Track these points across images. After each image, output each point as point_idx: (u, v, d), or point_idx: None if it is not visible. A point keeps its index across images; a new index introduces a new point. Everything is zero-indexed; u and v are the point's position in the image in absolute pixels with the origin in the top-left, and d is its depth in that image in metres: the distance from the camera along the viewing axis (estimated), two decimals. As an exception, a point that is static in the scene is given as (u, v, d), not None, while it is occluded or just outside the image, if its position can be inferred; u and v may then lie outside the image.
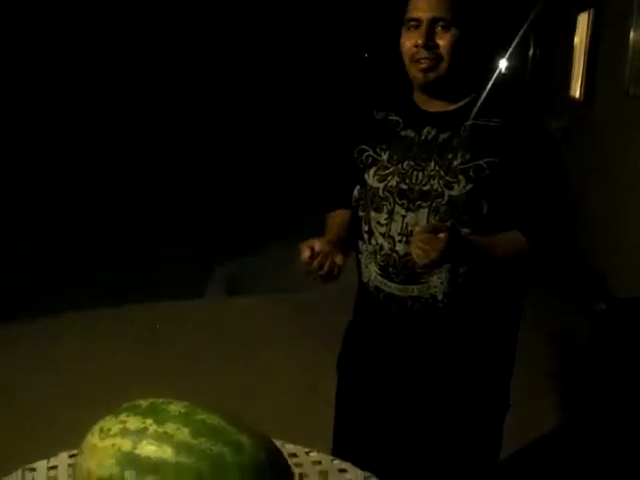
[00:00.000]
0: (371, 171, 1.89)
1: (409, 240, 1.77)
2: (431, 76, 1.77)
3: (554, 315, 4.82)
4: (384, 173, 1.86)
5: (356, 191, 1.92)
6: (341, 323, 2.10)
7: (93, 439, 1.21)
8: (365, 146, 1.92)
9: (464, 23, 1.74)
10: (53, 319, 4.83)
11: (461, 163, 1.77)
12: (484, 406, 1.92)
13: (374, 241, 1.87)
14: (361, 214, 1.91)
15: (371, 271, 1.88)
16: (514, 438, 2.14)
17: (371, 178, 1.88)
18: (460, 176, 1.76)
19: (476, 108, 1.81)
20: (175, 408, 1.19)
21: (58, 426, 3.40)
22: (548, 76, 9.72)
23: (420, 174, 1.80)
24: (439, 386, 1.90)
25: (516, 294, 1.93)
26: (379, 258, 1.85)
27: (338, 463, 1.54)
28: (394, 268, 1.82)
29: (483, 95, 1.82)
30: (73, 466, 1.42)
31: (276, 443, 1.52)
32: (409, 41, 1.77)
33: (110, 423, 1.21)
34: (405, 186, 1.81)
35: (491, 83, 1.85)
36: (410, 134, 1.86)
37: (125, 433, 1.17)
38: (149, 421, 1.17)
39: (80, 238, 7.25)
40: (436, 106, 1.85)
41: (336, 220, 2.00)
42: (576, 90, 7.19)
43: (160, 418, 1.18)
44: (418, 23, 1.75)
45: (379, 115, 1.94)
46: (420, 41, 1.74)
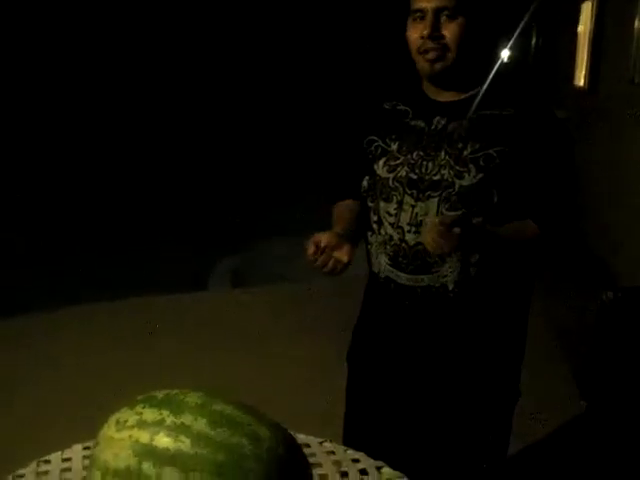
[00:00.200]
0: (380, 161, 1.88)
1: (419, 230, 1.78)
2: (438, 67, 1.77)
3: (560, 304, 4.82)
4: (394, 163, 1.86)
5: (365, 181, 1.92)
6: (343, 315, 2.10)
7: (109, 431, 1.21)
8: (374, 136, 1.92)
9: (469, 11, 1.73)
10: (51, 314, 4.83)
11: (471, 152, 1.76)
12: (494, 395, 1.92)
13: (383, 231, 1.86)
14: (370, 204, 1.90)
15: (381, 261, 1.88)
16: (524, 428, 2.15)
17: (380, 168, 1.88)
18: (470, 165, 1.76)
19: (483, 97, 1.81)
20: (191, 399, 1.19)
21: (58, 421, 3.42)
22: (552, 65, 9.69)
23: (430, 164, 1.80)
24: (450, 376, 1.90)
25: (526, 283, 1.93)
26: (389, 248, 1.85)
27: (351, 453, 1.54)
28: (404, 258, 1.82)
29: (490, 84, 1.82)
30: (87, 458, 1.42)
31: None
32: (415, 33, 1.77)
33: (126, 415, 1.21)
34: (415, 176, 1.81)
35: (497, 72, 1.84)
36: (420, 124, 1.85)
37: (142, 425, 1.17)
38: (166, 412, 1.17)
39: (80, 233, 7.23)
40: (445, 96, 1.84)
41: (344, 211, 1.99)
42: (580, 79, 7.17)
43: (177, 409, 1.17)
44: (423, 14, 1.74)
45: (388, 105, 1.94)
46: (425, 32, 1.73)
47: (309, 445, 1.55)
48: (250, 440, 1.15)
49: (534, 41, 11.22)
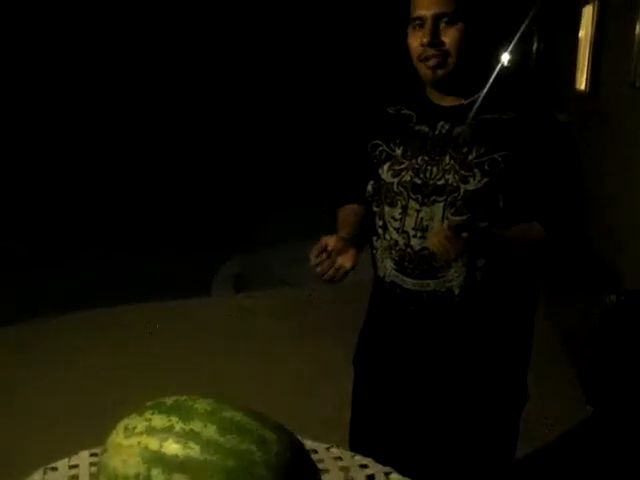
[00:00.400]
0: (385, 166, 1.88)
1: (424, 235, 1.78)
2: (440, 73, 1.77)
3: (565, 307, 4.81)
4: (398, 168, 1.86)
5: (370, 186, 1.92)
6: (345, 319, 2.11)
7: (118, 437, 1.21)
8: (378, 141, 1.92)
9: (468, 16, 1.74)
10: (54, 319, 4.83)
11: (476, 157, 1.76)
12: (502, 400, 1.92)
13: (388, 236, 1.86)
14: (375, 209, 1.90)
15: (386, 266, 1.88)
16: (530, 433, 2.15)
17: (385, 173, 1.88)
18: (475, 170, 1.76)
19: (485, 101, 1.81)
20: (200, 406, 1.19)
21: (62, 426, 3.41)
22: (553, 69, 9.70)
23: (435, 168, 1.80)
24: (456, 380, 1.89)
25: (532, 287, 1.93)
26: (394, 253, 1.85)
27: (359, 459, 1.54)
28: (409, 263, 1.82)
29: (493, 88, 1.82)
30: (95, 465, 1.42)
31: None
32: (415, 40, 1.77)
33: (135, 421, 1.20)
34: (419, 181, 1.81)
35: (499, 76, 1.85)
36: (424, 129, 1.86)
37: (151, 431, 1.17)
38: (175, 419, 1.17)
39: (82, 239, 7.22)
40: (449, 100, 1.85)
41: (349, 214, 1.99)
42: (581, 83, 7.17)
43: (186, 416, 1.17)
44: (422, 21, 1.74)
45: (392, 110, 1.94)
46: (425, 40, 1.74)
47: (316, 451, 1.54)
48: (259, 446, 1.15)
49: (535, 45, 11.24)
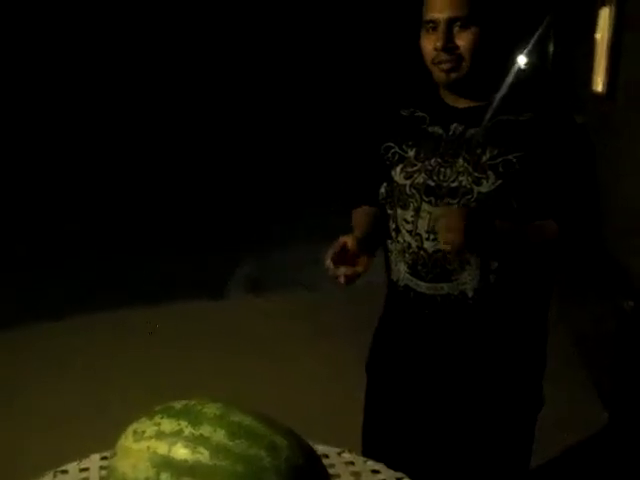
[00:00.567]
0: (398, 168, 1.87)
1: (437, 238, 1.75)
2: (453, 76, 1.75)
3: (577, 311, 4.76)
4: (411, 170, 1.84)
5: (383, 188, 1.90)
6: (359, 320, 2.09)
7: (127, 441, 1.20)
8: (391, 143, 1.90)
9: (482, 20, 1.72)
10: (59, 321, 4.83)
11: (490, 158, 1.74)
12: (518, 404, 1.89)
13: (401, 239, 1.85)
14: (389, 212, 1.89)
15: (400, 269, 1.86)
16: (545, 438, 2.12)
17: (398, 175, 1.86)
18: (489, 172, 1.74)
19: (501, 103, 1.79)
20: (210, 410, 1.18)
21: (69, 429, 3.41)
22: (570, 71, 9.64)
23: (448, 170, 1.78)
24: (471, 385, 1.87)
25: (545, 289, 1.91)
26: (407, 256, 1.84)
27: (371, 464, 1.52)
28: (423, 266, 1.81)
29: (508, 90, 1.80)
30: (105, 468, 1.41)
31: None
32: (429, 44, 1.75)
33: (144, 425, 1.20)
34: (432, 183, 1.79)
35: (515, 78, 1.83)
36: (437, 130, 1.84)
37: (160, 435, 1.16)
38: (184, 423, 1.16)
39: (95, 237, 7.20)
40: (463, 102, 1.83)
41: (363, 216, 1.97)
42: (598, 84, 7.11)
43: (195, 420, 1.16)
44: (435, 25, 1.72)
45: (405, 112, 1.92)
46: (439, 44, 1.72)
47: (328, 456, 1.53)
48: (269, 451, 1.13)
49: (552, 48, 11.19)
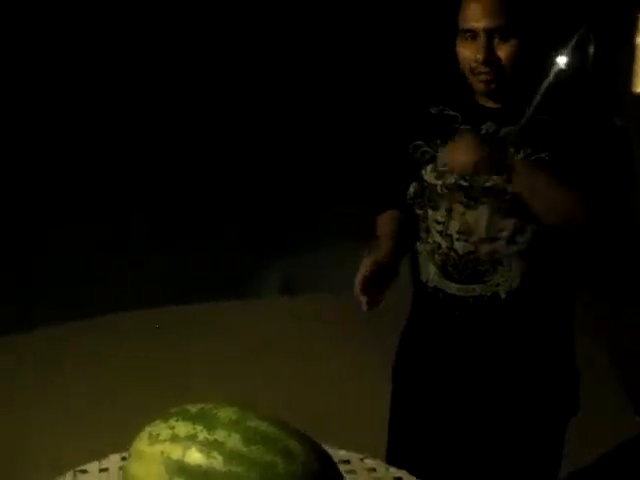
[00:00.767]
0: (428, 167, 1.83)
1: (468, 239, 1.74)
2: (493, 86, 1.72)
3: (611, 320, 4.66)
4: (442, 169, 1.80)
5: (412, 188, 1.86)
6: (386, 323, 2.04)
7: (141, 444, 1.18)
8: (421, 142, 1.86)
9: (522, 29, 1.67)
10: (86, 321, 4.83)
11: (524, 157, 1.70)
12: (551, 406, 1.85)
13: (431, 240, 1.81)
14: (418, 212, 1.85)
15: (430, 271, 1.83)
16: (574, 445, 2.07)
17: (428, 174, 1.82)
18: None
19: (538, 103, 1.74)
20: (225, 414, 1.16)
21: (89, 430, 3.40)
22: (610, 73, 9.56)
23: None
24: (502, 387, 1.83)
25: (575, 288, 1.87)
26: (437, 257, 1.80)
27: (394, 471, 1.49)
28: (453, 268, 1.77)
29: (546, 91, 1.75)
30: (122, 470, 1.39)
31: (330, 449, 1.48)
32: (467, 53, 1.71)
33: (159, 428, 1.17)
34: (465, 183, 1.75)
35: (554, 79, 1.78)
36: (469, 129, 1.79)
37: (174, 439, 1.14)
38: (199, 427, 1.14)
39: (126, 237, 7.19)
40: (495, 102, 1.78)
41: (389, 225, 1.93)
42: (638, 86, 7.01)
43: (210, 424, 1.14)
44: (474, 34, 1.68)
45: (434, 110, 1.88)
46: (480, 57, 1.67)
47: (349, 461, 1.50)
48: (284, 457, 1.11)
49: (592, 50, 11.11)
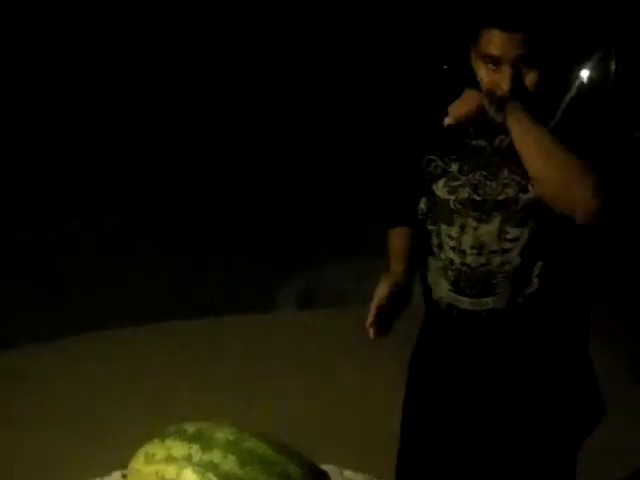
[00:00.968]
0: (440, 182, 1.80)
1: (481, 252, 1.71)
2: None
3: (631, 329, 4.59)
4: (454, 184, 1.77)
5: (422, 203, 1.83)
6: (408, 338, 2.01)
7: (138, 463, 1.16)
8: (433, 156, 1.83)
9: (547, 55, 1.64)
10: (101, 335, 4.82)
11: None
12: (573, 416, 1.82)
13: (444, 255, 1.78)
14: (431, 227, 1.81)
15: (442, 288, 1.79)
16: (598, 460, 2.03)
17: (440, 189, 1.79)
18: None
19: (559, 116, 1.70)
20: (222, 435, 1.13)
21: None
22: (631, 88, 9.59)
23: (494, 183, 1.72)
24: (521, 400, 1.79)
25: (589, 292, 1.84)
26: (450, 274, 1.76)
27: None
28: (466, 282, 1.74)
29: (565, 104, 1.72)
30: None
31: (334, 468, 1.45)
32: (490, 77, 1.67)
33: (155, 448, 1.15)
34: (479, 197, 1.73)
35: (575, 93, 1.74)
36: (482, 143, 1.77)
37: (170, 460, 1.12)
38: (195, 448, 1.11)
39: (139, 245, 7.17)
40: None
41: (401, 244, 1.90)
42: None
43: (206, 445, 1.12)
44: (497, 60, 1.64)
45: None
46: (506, 88, 1.63)
47: (355, 482, 1.47)
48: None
49: (613, 66, 11.12)
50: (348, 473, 1.48)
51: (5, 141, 8.89)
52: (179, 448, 1.13)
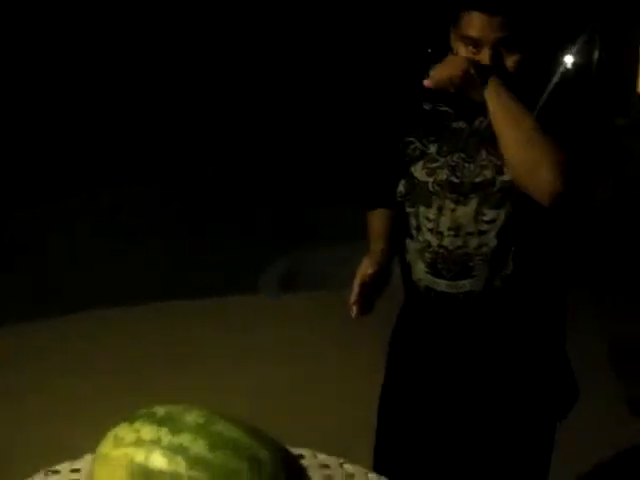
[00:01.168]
0: (419, 164, 1.78)
1: (458, 234, 1.71)
2: None
3: (613, 319, 4.60)
4: (433, 166, 1.76)
5: (401, 186, 1.82)
6: (391, 319, 2.01)
7: (106, 447, 1.14)
8: (412, 138, 1.81)
9: (528, 38, 1.63)
10: (91, 314, 4.79)
11: None
12: (549, 399, 1.83)
13: (422, 237, 1.77)
14: (409, 210, 1.81)
15: (419, 269, 1.79)
16: (568, 451, 2.04)
17: (419, 171, 1.78)
18: None
19: (533, 99, 1.69)
20: (192, 418, 1.11)
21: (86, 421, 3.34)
22: (614, 75, 9.55)
23: (472, 165, 1.71)
24: (497, 382, 1.80)
25: (566, 274, 1.84)
26: (427, 255, 1.76)
27: (374, 477, 1.44)
28: (443, 264, 1.73)
29: (549, 89, 1.70)
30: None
31: (308, 453, 1.44)
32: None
33: (125, 431, 1.14)
34: (456, 179, 1.72)
35: (558, 78, 1.73)
36: (461, 125, 1.75)
37: (139, 443, 1.10)
38: (164, 430, 1.10)
39: (128, 229, 7.13)
40: None
41: (381, 225, 1.91)
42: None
43: (176, 428, 1.10)
44: (477, 43, 1.63)
45: (427, 106, 1.83)
46: None
47: (329, 466, 1.45)
48: (249, 464, 1.07)
49: (597, 53, 11.09)
50: (322, 457, 1.47)
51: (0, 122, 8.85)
52: (148, 431, 1.11)
